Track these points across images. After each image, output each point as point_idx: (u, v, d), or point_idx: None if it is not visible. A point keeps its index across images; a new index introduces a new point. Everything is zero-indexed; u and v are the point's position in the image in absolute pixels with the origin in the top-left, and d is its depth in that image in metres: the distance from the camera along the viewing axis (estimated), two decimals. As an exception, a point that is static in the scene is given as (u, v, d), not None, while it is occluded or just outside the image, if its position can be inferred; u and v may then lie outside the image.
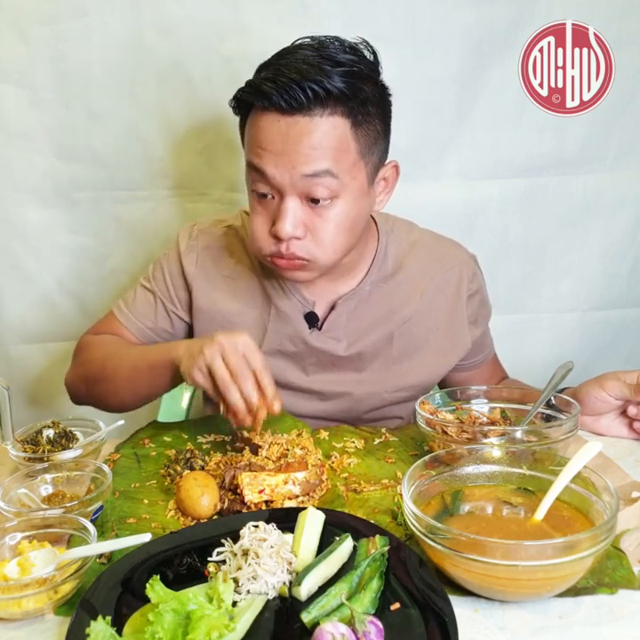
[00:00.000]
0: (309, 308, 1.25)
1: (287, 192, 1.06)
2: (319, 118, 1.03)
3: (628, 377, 1.07)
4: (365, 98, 1.06)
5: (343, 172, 1.06)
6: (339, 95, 1.03)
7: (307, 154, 1.04)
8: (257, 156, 1.07)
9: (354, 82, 1.04)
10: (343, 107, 1.04)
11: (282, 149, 1.04)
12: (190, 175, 1.70)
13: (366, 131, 1.08)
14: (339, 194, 1.07)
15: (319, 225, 1.09)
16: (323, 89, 1.01)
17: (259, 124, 1.06)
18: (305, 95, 1.01)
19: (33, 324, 1.78)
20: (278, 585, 0.74)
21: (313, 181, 1.05)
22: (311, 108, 1.02)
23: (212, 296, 1.29)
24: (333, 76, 1.02)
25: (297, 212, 1.07)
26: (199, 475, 0.96)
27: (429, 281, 1.28)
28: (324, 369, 1.27)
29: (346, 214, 1.10)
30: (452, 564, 0.71)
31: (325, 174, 1.05)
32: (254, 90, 1.06)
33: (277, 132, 1.04)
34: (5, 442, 1.06)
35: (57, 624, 0.73)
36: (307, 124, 1.03)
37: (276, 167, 1.05)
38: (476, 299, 1.32)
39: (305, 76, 1.01)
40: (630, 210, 1.76)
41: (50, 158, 1.66)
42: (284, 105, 1.02)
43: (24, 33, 1.56)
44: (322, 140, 1.04)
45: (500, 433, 0.98)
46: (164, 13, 1.56)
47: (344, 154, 1.06)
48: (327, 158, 1.04)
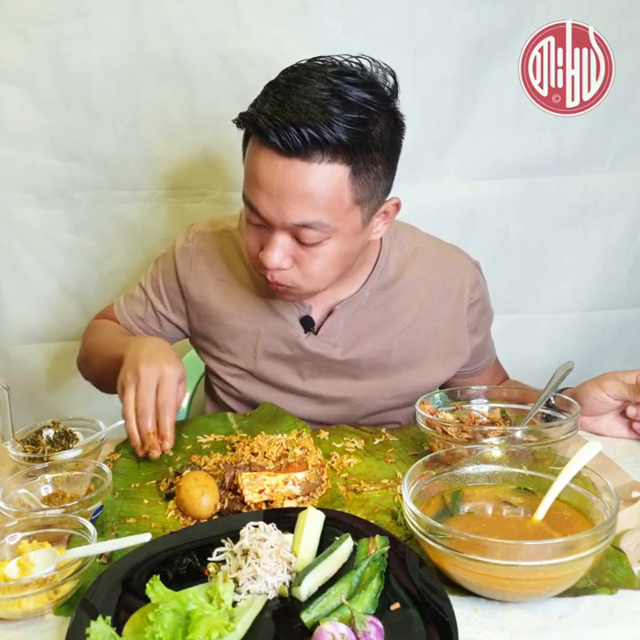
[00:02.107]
0: (305, 312, 1.24)
1: (277, 229, 1.04)
2: (317, 165, 0.98)
3: (628, 377, 1.07)
4: (371, 144, 1.00)
5: (335, 219, 1.03)
6: (338, 145, 0.97)
7: (299, 203, 1.00)
8: (251, 192, 1.04)
9: (361, 131, 0.98)
10: (344, 154, 0.98)
11: (276, 193, 1.00)
12: (190, 175, 1.70)
13: (366, 178, 1.03)
14: (329, 236, 1.04)
15: (307, 260, 1.07)
16: (322, 138, 0.95)
17: (256, 158, 1.01)
18: (302, 140, 0.96)
19: (33, 324, 1.78)
20: (278, 585, 0.74)
21: (303, 229, 1.02)
22: (309, 153, 0.97)
23: (205, 299, 1.29)
24: (338, 124, 0.96)
25: (285, 247, 1.05)
26: (199, 475, 0.96)
27: (430, 289, 1.26)
28: (320, 373, 1.27)
29: (336, 252, 1.07)
30: (452, 564, 0.71)
31: (317, 224, 1.02)
32: (252, 122, 1.00)
33: (273, 172, 0.99)
34: (5, 442, 1.06)
35: (57, 624, 0.73)
36: (303, 170, 0.98)
37: (268, 209, 1.02)
38: (477, 307, 1.30)
39: (304, 121, 0.95)
40: (630, 210, 1.76)
41: (50, 158, 1.66)
42: (281, 146, 0.97)
43: (24, 33, 1.56)
44: (316, 188, 0.99)
45: (500, 433, 0.98)
46: (164, 13, 1.57)
47: (338, 203, 1.01)
48: (319, 209, 1.00)
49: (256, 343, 1.26)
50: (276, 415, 1.23)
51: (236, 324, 1.27)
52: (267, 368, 1.28)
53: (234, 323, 1.27)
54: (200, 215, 1.70)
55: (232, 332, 1.28)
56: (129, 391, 1.05)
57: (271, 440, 1.08)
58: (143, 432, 1.04)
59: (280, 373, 1.27)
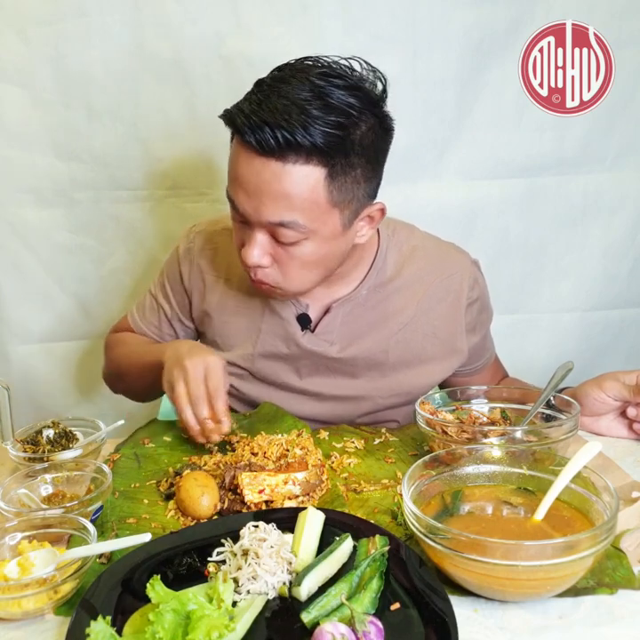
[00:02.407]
0: (302, 310, 1.24)
1: (255, 226, 1.05)
2: (292, 165, 0.98)
3: (628, 378, 1.06)
4: (349, 148, 1.00)
5: (311, 220, 1.03)
6: (311, 148, 0.97)
7: (274, 202, 1.01)
8: (232, 188, 1.06)
9: (338, 134, 0.97)
10: (319, 157, 0.98)
11: (253, 191, 1.01)
12: (190, 175, 1.70)
13: (343, 182, 1.02)
14: (307, 236, 1.05)
15: (285, 259, 1.08)
16: (295, 140, 0.96)
17: (236, 156, 1.03)
18: (276, 142, 0.96)
19: (33, 324, 1.78)
20: (278, 585, 0.74)
21: (279, 228, 1.03)
22: (283, 154, 0.97)
23: (206, 298, 1.30)
24: (314, 127, 0.95)
25: (263, 244, 1.06)
26: (199, 475, 0.96)
27: (428, 288, 1.26)
28: (317, 371, 1.27)
29: (314, 253, 1.07)
30: (452, 564, 0.71)
31: (293, 224, 1.02)
32: (230, 120, 1.02)
33: (251, 171, 1.01)
34: (5, 442, 1.06)
35: (57, 624, 0.73)
36: (278, 169, 0.99)
37: (246, 206, 1.04)
38: (476, 306, 1.30)
39: (279, 122, 0.95)
40: (630, 210, 1.76)
41: (50, 158, 1.66)
42: (256, 146, 0.98)
43: (24, 33, 1.56)
44: (291, 188, 0.99)
45: (500, 433, 0.98)
46: (164, 13, 1.56)
47: (314, 204, 1.02)
48: (294, 209, 1.01)
49: (255, 341, 1.27)
50: (276, 415, 1.23)
51: (234, 322, 1.28)
52: (265, 366, 1.28)
53: (233, 320, 1.28)
54: (200, 215, 1.70)
55: (231, 330, 1.29)
56: (179, 385, 1.07)
57: (271, 440, 1.08)
58: (201, 419, 1.06)
59: (278, 372, 1.27)
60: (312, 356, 1.25)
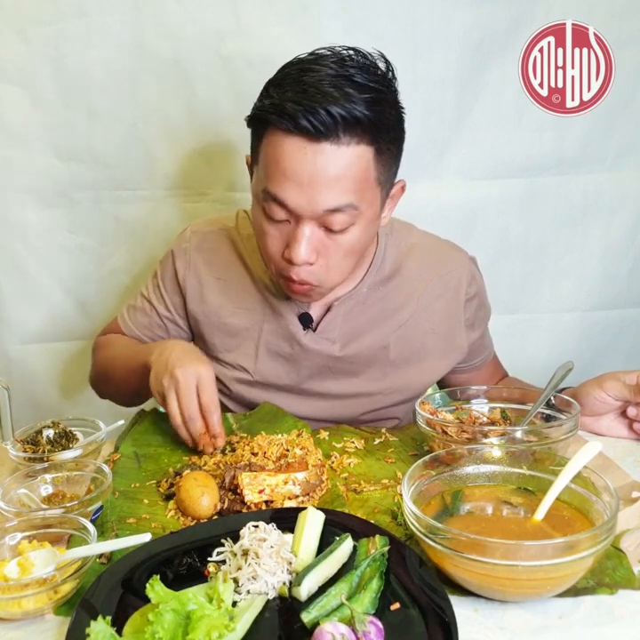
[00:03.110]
0: (304, 309, 1.24)
1: (304, 220, 1.03)
2: (346, 147, 0.98)
3: (628, 378, 1.06)
4: (388, 124, 1.02)
5: (363, 201, 1.04)
6: (365, 123, 0.98)
7: (331, 187, 0.99)
8: (278, 185, 1.01)
9: (378, 109, 0.99)
10: (369, 135, 0.99)
11: (307, 181, 0.99)
12: (190, 175, 1.70)
13: (387, 159, 1.05)
14: (355, 221, 1.05)
15: (332, 251, 1.07)
16: (351, 115, 0.96)
17: (282, 148, 1.00)
18: (334, 120, 0.95)
19: (33, 324, 1.78)
20: (278, 585, 0.74)
21: (334, 214, 1.02)
22: (339, 135, 0.97)
23: (204, 298, 1.29)
24: (359, 102, 0.96)
25: (312, 239, 1.05)
26: (199, 475, 0.96)
27: (427, 284, 1.27)
28: (319, 371, 1.27)
29: (358, 240, 1.08)
30: (452, 564, 0.71)
31: (347, 207, 1.02)
32: (278, 110, 0.98)
33: (303, 160, 0.98)
34: (5, 442, 1.06)
35: (57, 624, 0.73)
36: (334, 153, 0.98)
37: (298, 199, 1.01)
38: (474, 302, 1.31)
39: (331, 101, 0.95)
40: (630, 210, 1.76)
41: (50, 158, 1.66)
42: (312, 130, 0.96)
43: (24, 33, 1.56)
44: (347, 171, 0.99)
45: (500, 433, 0.98)
46: (164, 13, 1.56)
47: (365, 184, 1.03)
48: (351, 191, 1.01)
49: (257, 341, 1.26)
50: (276, 415, 1.23)
51: (235, 322, 1.28)
52: (266, 367, 1.28)
53: (233, 321, 1.28)
54: (200, 215, 1.70)
55: (231, 331, 1.29)
56: (171, 398, 1.07)
57: (271, 440, 1.08)
58: (195, 435, 1.08)
59: (279, 372, 1.27)
60: (314, 357, 1.25)
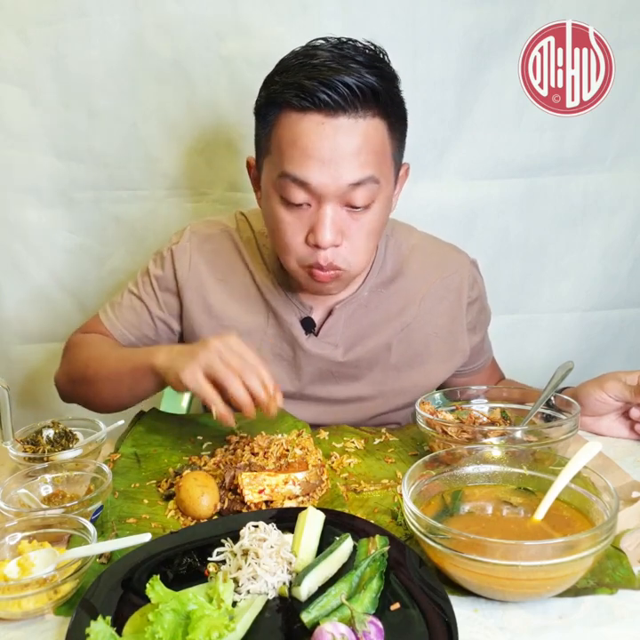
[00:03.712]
0: (306, 314, 1.23)
1: (328, 200, 1.02)
2: (363, 120, 1.00)
3: (629, 378, 1.06)
4: (395, 99, 1.05)
5: (383, 176, 1.05)
6: (379, 93, 0.99)
7: (352, 160, 1.00)
8: (299, 164, 1.01)
9: (387, 82, 1.02)
10: (382, 107, 1.01)
11: (329, 156, 0.99)
12: (190, 175, 1.70)
13: (397, 136, 1.07)
14: (375, 198, 1.05)
15: (355, 231, 1.06)
16: (367, 86, 0.97)
17: (299, 128, 1.00)
18: (352, 92, 0.96)
19: (33, 324, 1.78)
20: (278, 585, 0.74)
21: (356, 189, 1.02)
22: (357, 107, 0.98)
23: (205, 300, 1.26)
24: (369, 75, 0.98)
25: (335, 219, 1.04)
26: (199, 475, 0.96)
27: (429, 287, 1.26)
28: (321, 376, 1.26)
29: (378, 218, 1.08)
30: (452, 564, 0.71)
31: (369, 181, 1.02)
32: (295, 89, 0.98)
33: (323, 136, 0.98)
34: (5, 442, 1.06)
35: (57, 624, 0.73)
36: (352, 127, 0.99)
37: (321, 177, 1.00)
38: (476, 306, 1.31)
39: (345, 73, 0.96)
40: (630, 210, 1.76)
41: (50, 158, 1.66)
42: (332, 103, 0.97)
43: (24, 33, 1.56)
44: (366, 144, 1.00)
45: (500, 433, 0.98)
46: (164, 13, 1.56)
47: (383, 157, 1.04)
48: (371, 164, 1.02)
49: (260, 344, 1.24)
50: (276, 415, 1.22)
51: (238, 326, 1.25)
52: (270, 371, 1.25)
53: (236, 324, 1.25)
54: (200, 215, 1.70)
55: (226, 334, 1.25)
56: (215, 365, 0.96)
57: (271, 440, 1.08)
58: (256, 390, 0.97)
59: (283, 378, 1.25)
60: (316, 362, 1.24)
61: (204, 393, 0.97)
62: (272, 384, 0.98)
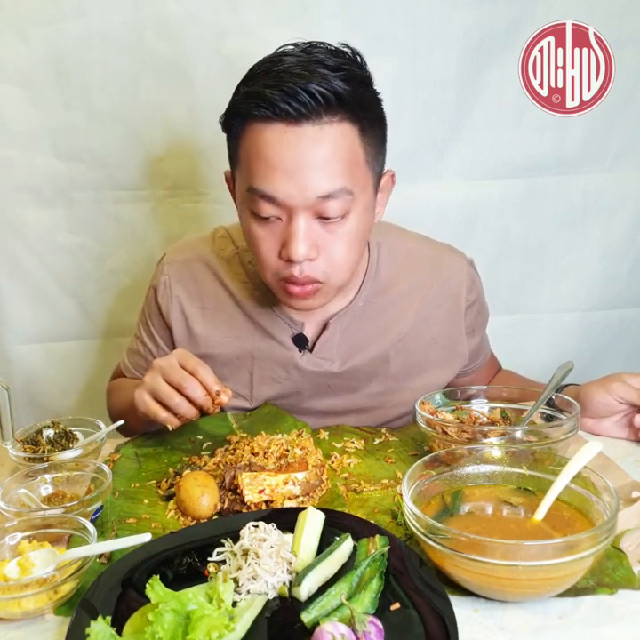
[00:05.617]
0: (298, 330, 1.19)
1: (298, 212, 0.99)
2: (329, 127, 0.95)
3: (635, 381, 1.05)
4: (367, 102, 1.00)
5: (356, 185, 1.00)
6: (345, 99, 0.95)
7: (320, 170, 0.96)
8: (264, 178, 0.98)
9: (355, 85, 0.97)
10: (350, 112, 0.97)
11: (293, 167, 0.95)
12: (190, 175, 1.70)
13: (372, 141, 1.02)
14: (350, 208, 1.01)
15: (331, 243, 1.02)
16: (330, 92, 0.93)
17: (262, 139, 0.97)
18: (314, 99, 0.93)
19: (33, 324, 1.78)
20: (278, 585, 0.74)
21: (327, 201, 0.97)
22: (321, 114, 0.95)
23: (191, 331, 1.24)
24: (335, 79, 0.94)
25: (309, 232, 1.00)
26: (199, 475, 0.96)
27: (426, 294, 1.23)
28: (319, 390, 1.23)
29: (356, 229, 1.03)
30: (452, 564, 0.71)
31: (341, 192, 0.98)
32: (255, 99, 0.96)
33: (286, 146, 0.95)
34: (5, 442, 1.06)
35: (57, 624, 0.73)
36: (316, 134, 0.95)
37: (287, 189, 0.96)
38: (475, 308, 1.28)
39: (308, 80, 0.93)
40: (630, 210, 1.76)
41: (50, 158, 1.66)
42: (293, 112, 0.93)
43: (24, 33, 1.56)
44: (334, 152, 0.96)
45: (500, 433, 0.98)
46: (164, 13, 1.57)
47: (355, 166, 0.99)
48: (341, 174, 0.97)
49: (251, 368, 1.22)
50: (276, 415, 1.23)
51: (225, 352, 1.22)
52: (264, 393, 1.24)
53: (223, 350, 1.22)
54: (200, 215, 1.71)
55: (223, 361, 1.23)
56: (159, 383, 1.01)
57: (271, 440, 1.07)
58: (200, 400, 1.00)
59: (279, 396, 1.23)
60: (313, 377, 1.21)
61: (151, 413, 1.04)
62: (214, 384, 1.01)
